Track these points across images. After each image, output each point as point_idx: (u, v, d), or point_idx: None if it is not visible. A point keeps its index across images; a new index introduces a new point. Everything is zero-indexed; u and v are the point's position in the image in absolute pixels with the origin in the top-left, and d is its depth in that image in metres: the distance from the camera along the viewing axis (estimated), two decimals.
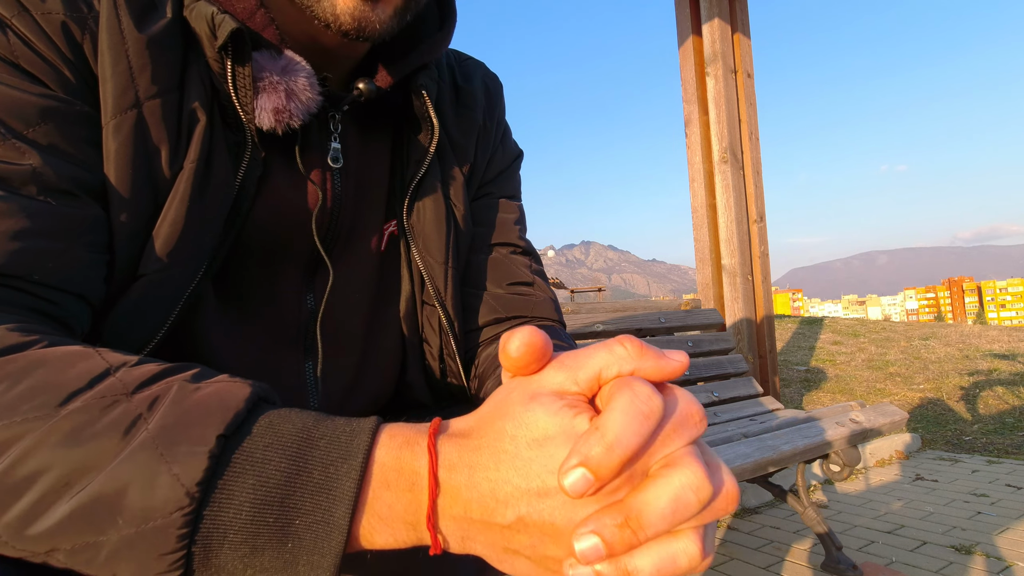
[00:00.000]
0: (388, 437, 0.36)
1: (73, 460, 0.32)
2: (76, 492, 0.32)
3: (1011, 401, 3.96)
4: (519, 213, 0.77)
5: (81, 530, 0.32)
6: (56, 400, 0.34)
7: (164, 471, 0.32)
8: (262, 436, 0.34)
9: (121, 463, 0.32)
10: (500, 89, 0.79)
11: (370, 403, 0.71)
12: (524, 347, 0.34)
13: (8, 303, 0.42)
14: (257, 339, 0.62)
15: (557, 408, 0.33)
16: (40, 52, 0.46)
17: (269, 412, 0.36)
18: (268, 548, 0.33)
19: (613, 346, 0.34)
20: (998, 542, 2.11)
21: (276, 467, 0.33)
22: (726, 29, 3.19)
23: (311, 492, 0.33)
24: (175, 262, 0.51)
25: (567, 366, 0.34)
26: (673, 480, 0.30)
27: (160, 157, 0.50)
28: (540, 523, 0.32)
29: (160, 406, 0.34)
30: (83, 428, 0.33)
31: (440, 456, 0.34)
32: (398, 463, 0.34)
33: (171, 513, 0.31)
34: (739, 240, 3.13)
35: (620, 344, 0.34)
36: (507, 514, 0.32)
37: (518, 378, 0.36)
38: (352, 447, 0.34)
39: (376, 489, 0.34)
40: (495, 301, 0.71)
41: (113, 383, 0.36)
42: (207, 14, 0.50)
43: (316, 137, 0.61)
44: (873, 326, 6.64)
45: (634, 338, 0.35)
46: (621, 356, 0.34)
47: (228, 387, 0.36)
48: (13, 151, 0.43)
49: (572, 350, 0.36)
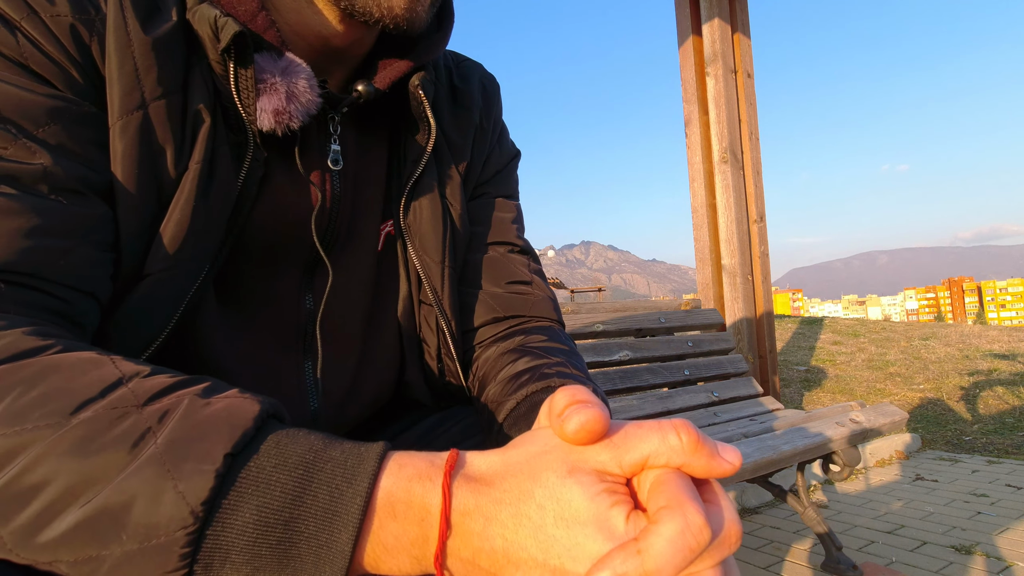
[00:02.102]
0: (398, 466, 0.35)
1: (81, 471, 0.32)
2: (82, 504, 0.32)
3: (1011, 401, 3.96)
4: (516, 212, 0.77)
5: (85, 542, 0.32)
6: (68, 408, 0.34)
7: (170, 488, 0.32)
8: (269, 456, 0.34)
9: (128, 477, 0.32)
10: (497, 90, 0.79)
11: (370, 403, 0.71)
12: (583, 432, 0.33)
13: (22, 302, 0.42)
14: (257, 339, 0.62)
15: (596, 492, 0.32)
16: (49, 54, 0.46)
17: (278, 432, 0.36)
18: (269, 570, 0.33)
19: (668, 434, 0.33)
20: (998, 542, 2.11)
21: (281, 488, 0.33)
22: (726, 29, 3.19)
23: (315, 516, 0.33)
24: (180, 261, 0.51)
25: (615, 444, 0.33)
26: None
27: (165, 157, 0.51)
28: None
29: (169, 420, 0.34)
30: (92, 439, 0.33)
31: (455, 499, 0.33)
32: (408, 495, 0.34)
33: (175, 531, 0.31)
34: (739, 240, 3.13)
35: (676, 433, 0.33)
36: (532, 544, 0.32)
37: (556, 437, 0.35)
38: (358, 471, 0.34)
39: (382, 518, 0.34)
40: (493, 300, 0.71)
41: (125, 394, 0.36)
42: (210, 17, 0.51)
43: (315, 138, 0.61)
44: (873, 326, 6.64)
45: (691, 427, 0.33)
46: (674, 447, 0.32)
47: (238, 403, 0.36)
48: (24, 150, 0.44)
49: (622, 427, 0.34)
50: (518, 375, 0.62)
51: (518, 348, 0.67)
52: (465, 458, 0.36)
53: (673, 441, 0.32)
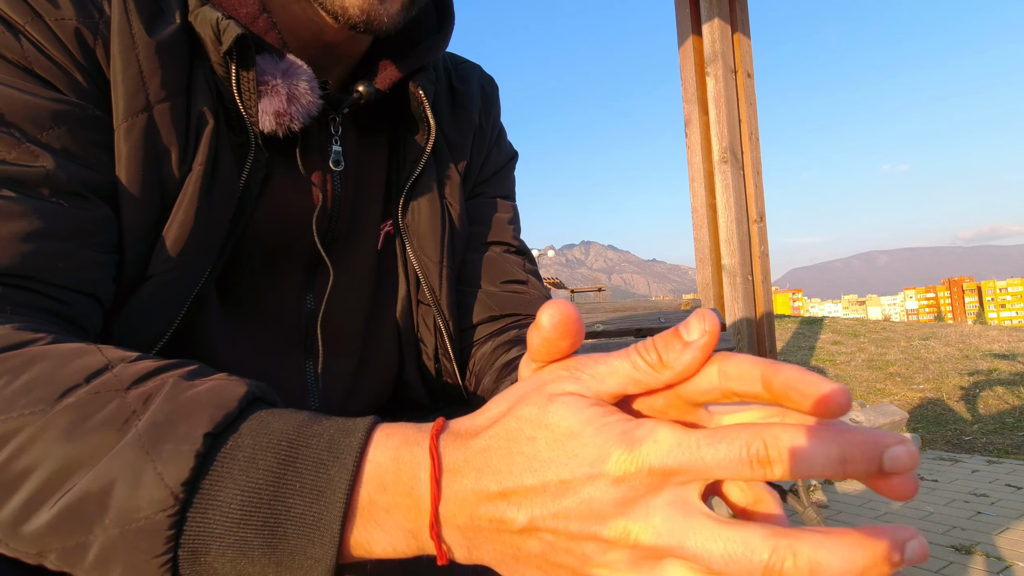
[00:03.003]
0: (384, 436, 0.34)
1: (65, 456, 0.32)
2: (68, 489, 0.32)
3: (1011, 401, 3.96)
4: (513, 213, 0.78)
5: (71, 528, 0.32)
6: (52, 395, 0.34)
7: (149, 469, 0.31)
8: (252, 434, 0.33)
9: (109, 460, 0.32)
10: (496, 91, 0.80)
11: (369, 403, 0.72)
12: (558, 320, 0.32)
13: (20, 304, 0.42)
14: (259, 339, 0.62)
15: (582, 407, 0.30)
16: (53, 58, 0.46)
17: (261, 411, 0.35)
18: (257, 550, 0.32)
19: (633, 356, 0.31)
20: (998, 542, 2.11)
21: (265, 466, 0.32)
22: (726, 29, 3.19)
23: (300, 493, 0.32)
24: (183, 263, 0.51)
25: (582, 372, 0.32)
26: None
27: (170, 159, 0.51)
28: (554, 528, 0.29)
29: (152, 402, 0.34)
30: (77, 424, 0.33)
31: (444, 458, 0.32)
32: (396, 464, 0.32)
33: (155, 513, 0.31)
34: (739, 240, 3.13)
35: (639, 354, 0.31)
36: (519, 517, 0.30)
37: (533, 381, 0.34)
38: (345, 445, 0.33)
39: (371, 491, 0.32)
40: (489, 299, 0.72)
41: (109, 379, 0.35)
42: (212, 19, 0.51)
43: (316, 139, 0.62)
44: (873, 326, 6.64)
45: (659, 338, 0.31)
46: (644, 367, 0.31)
47: (223, 384, 0.35)
48: (27, 154, 0.44)
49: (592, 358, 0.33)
50: (510, 362, 0.62)
51: (512, 340, 0.67)
52: (452, 422, 0.34)
53: (640, 362, 0.31)
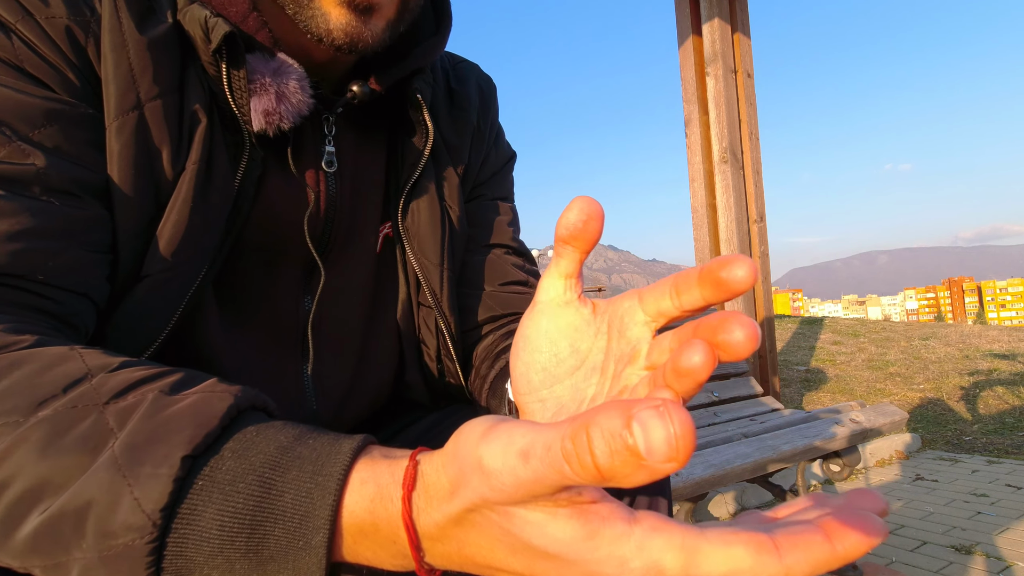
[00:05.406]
0: (360, 482, 0.31)
1: (40, 473, 0.31)
2: (45, 507, 0.31)
3: (1011, 401, 3.96)
4: (512, 215, 0.78)
5: (50, 548, 0.31)
6: (29, 405, 0.33)
7: (126, 494, 0.30)
8: (234, 456, 0.32)
9: (84, 482, 0.31)
10: (494, 91, 0.79)
11: (369, 404, 0.71)
12: (584, 214, 0.35)
13: (10, 303, 0.42)
14: (256, 341, 0.62)
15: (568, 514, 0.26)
16: (44, 56, 0.46)
17: (246, 429, 0.33)
18: (241, 573, 0.31)
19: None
20: (998, 542, 2.11)
21: (247, 491, 0.31)
22: (726, 29, 3.19)
23: (283, 521, 0.31)
24: (178, 263, 0.51)
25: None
26: None
27: (162, 158, 0.50)
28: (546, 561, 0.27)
29: (130, 420, 0.33)
30: (51, 440, 0.32)
31: (419, 525, 0.30)
32: (373, 518, 0.31)
33: (133, 540, 0.30)
34: (739, 240, 3.13)
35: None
36: (514, 563, 0.28)
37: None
38: (324, 485, 0.31)
39: (354, 535, 0.31)
40: (491, 300, 0.72)
41: (87, 391, 0.34)
42: (200, 17, 0.50)
43: (310, 140, 0.61)
44: (873, 326, 6.64)
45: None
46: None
47: (205, 399, 0.34)
48: (18, 152, 0.44)
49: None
50: (505, 349, 0.62)
51: (511, 331, 0.68)
52: (424, 468, 0.30)
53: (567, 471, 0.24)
